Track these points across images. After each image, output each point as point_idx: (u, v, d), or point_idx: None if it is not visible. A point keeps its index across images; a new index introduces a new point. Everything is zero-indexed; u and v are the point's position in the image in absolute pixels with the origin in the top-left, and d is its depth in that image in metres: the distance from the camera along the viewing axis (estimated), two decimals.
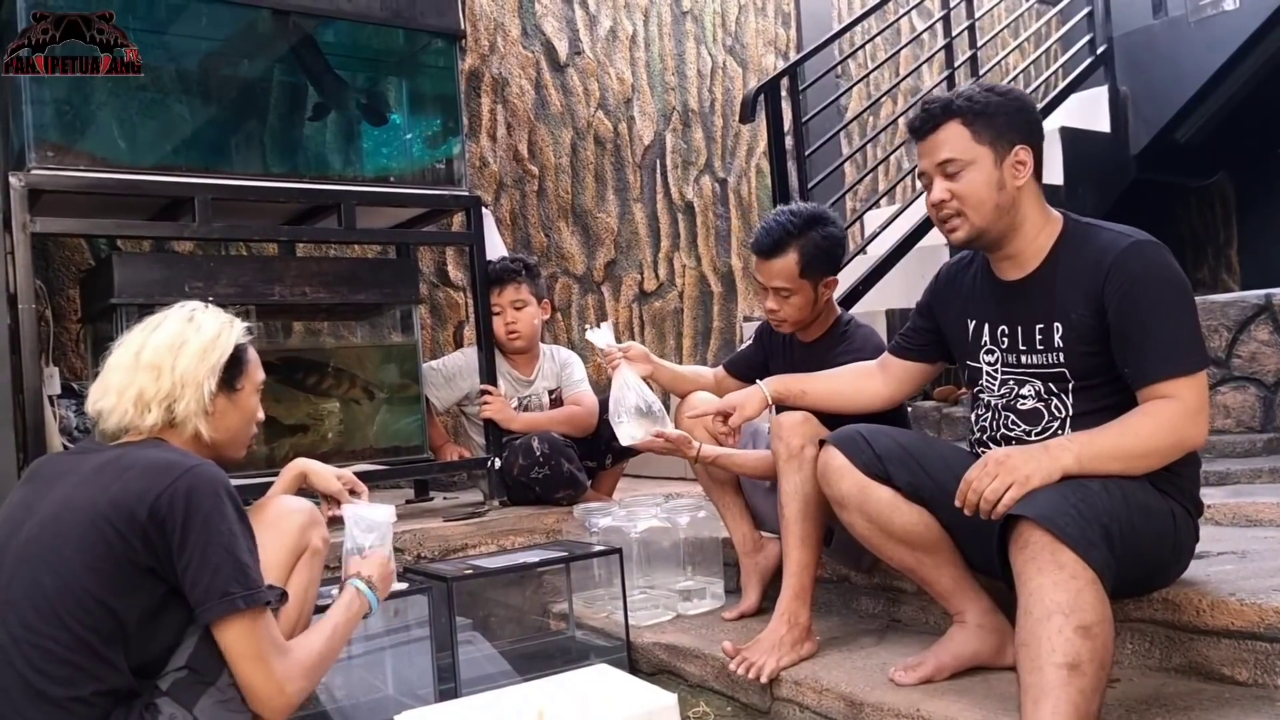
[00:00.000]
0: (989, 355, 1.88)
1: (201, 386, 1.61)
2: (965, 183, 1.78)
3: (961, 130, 1.77)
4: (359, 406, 3.17)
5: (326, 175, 3.03)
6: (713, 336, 5.03)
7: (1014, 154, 1.75)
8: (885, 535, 1.88)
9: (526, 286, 3.27)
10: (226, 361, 1.66)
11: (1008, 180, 1.76)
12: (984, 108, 1.76)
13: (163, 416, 1.59)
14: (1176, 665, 1.76)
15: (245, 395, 1.71)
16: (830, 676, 1.95)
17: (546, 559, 2.44)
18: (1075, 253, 1.76)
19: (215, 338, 1.66)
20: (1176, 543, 1.70)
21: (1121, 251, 1.68)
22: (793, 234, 2.29)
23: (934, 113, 1.81)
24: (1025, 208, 1.78)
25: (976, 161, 1.76)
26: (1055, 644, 1.42)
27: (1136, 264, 1.66)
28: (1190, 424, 1.61)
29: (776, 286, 2.32)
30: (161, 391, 1.59)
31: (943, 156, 1.79)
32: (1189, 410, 1.61)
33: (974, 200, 1.78)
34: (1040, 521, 1.48)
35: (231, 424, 1.69)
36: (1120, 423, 1.63)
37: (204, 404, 1.62)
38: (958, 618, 1.90)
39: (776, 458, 2.17)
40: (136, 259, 2.75)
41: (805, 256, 2.28)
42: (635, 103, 4.86)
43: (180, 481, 1.48)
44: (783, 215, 2.32)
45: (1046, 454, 1.59)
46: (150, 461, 1.51)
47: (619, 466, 3.37)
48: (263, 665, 1.49)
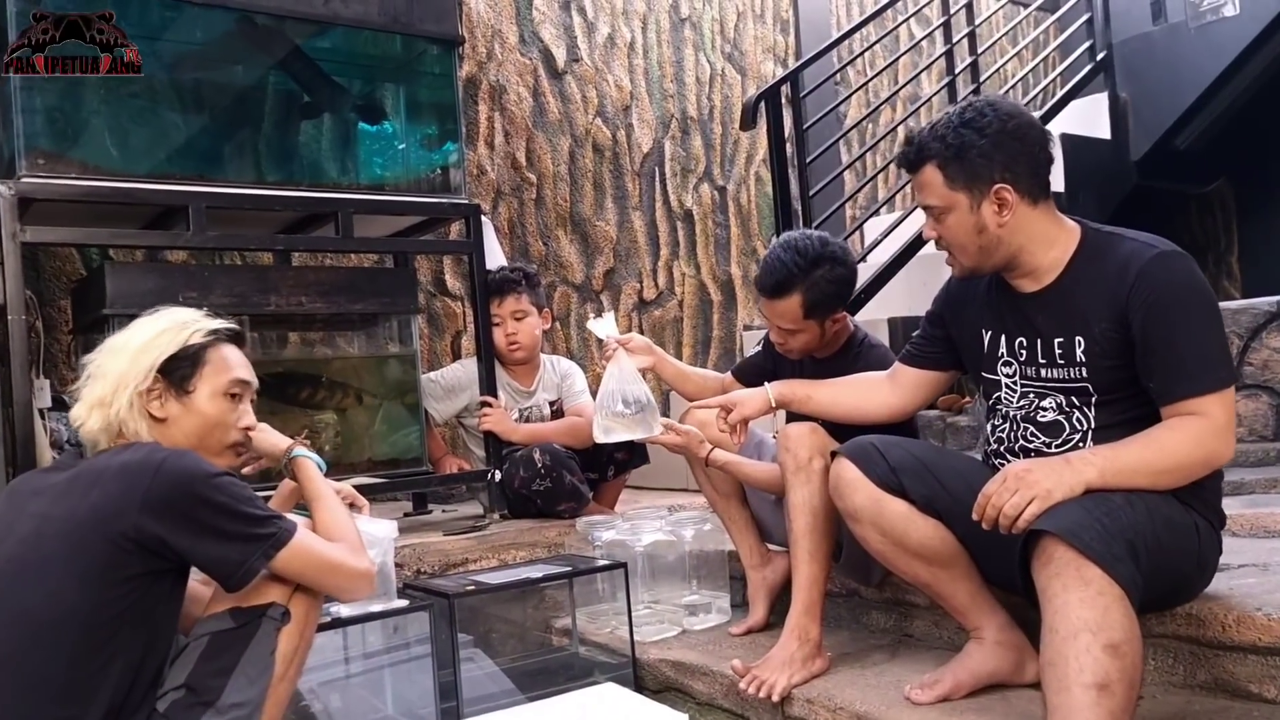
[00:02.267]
0: (1007, 367, 1.83)
1: (129, 388, 1.56)
2: (947, 227, 1.74)
3: (936, 175, 1.71)
4: (356, 419, 3.11)
5: (323, 183, 2.99)
6: (713, 345, 4.98)
7: (993, 194, 1.68)
8: (900, 550, 1.83)
9: (527, 296, 3.22)
10: (168, 362, 1.58)
11: (988, 221, 1.69)
12: (958, 150, 1.68)
13: (101, 420, 1.55)
14: (1201, 682, 1.71)
15: (202, 399, 1.62)
16: (844, 695, 1.90)
17: (550, 574, 2.38)
18: (1096, 264, 1.70)
19: (155, 336, 1.60)
20: (1200, 556, 1.66)
21: (1147, 263, 1.62)
22: (796, 276, 2.16)
23: (909, 156, 1.76)
24: (1021, 236, 1.71)
25: (954, 208, 1.71)
26: (1083, 663, 1.37)
27: (1162, 276, 1.61)
28: (1218, 441, 1.57)
29: (781, 327, 2.26)
30: (100, 395, 1.55)
31: (924, 201, 1.76)
32: (1217, 427, 1.56)
33: (956, 244, 1.75)
34: (1064, 537, 1.43)
35: (189, 429, 1.61)
36: (1145, 437, 1.59)
37: (135, 407, 1.56)
38: (975, 634, 1.85)
39: (784, 469, 2.12)
40: (129, 268, 2.71)
41: (810, 300, 2.17)
42: (634, 110, 4.83)
43: (162, 472, 1.43)
44: (787, 253, 2.19)
45: (1069, 468, 1.54)
46: (125, 463, 1.47)
47: (621, 478, 3.32)
48: (331, 570, 1.55)
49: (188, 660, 1.48)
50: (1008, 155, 1.68)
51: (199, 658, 1.47)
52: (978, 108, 1.71)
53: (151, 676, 1.47)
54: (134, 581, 1.42)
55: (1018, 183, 1.69)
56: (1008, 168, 1.68)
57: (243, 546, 1.47)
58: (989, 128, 1.68)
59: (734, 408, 2.16)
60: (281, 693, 1.54)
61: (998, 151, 1.68)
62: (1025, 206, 1.70)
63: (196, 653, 1.48)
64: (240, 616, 1.51)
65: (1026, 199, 1.70)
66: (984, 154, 1.68)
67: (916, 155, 1.74)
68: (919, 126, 1.80)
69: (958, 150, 1.69)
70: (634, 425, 2.32)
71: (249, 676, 1.48)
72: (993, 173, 1.68)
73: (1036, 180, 1.71)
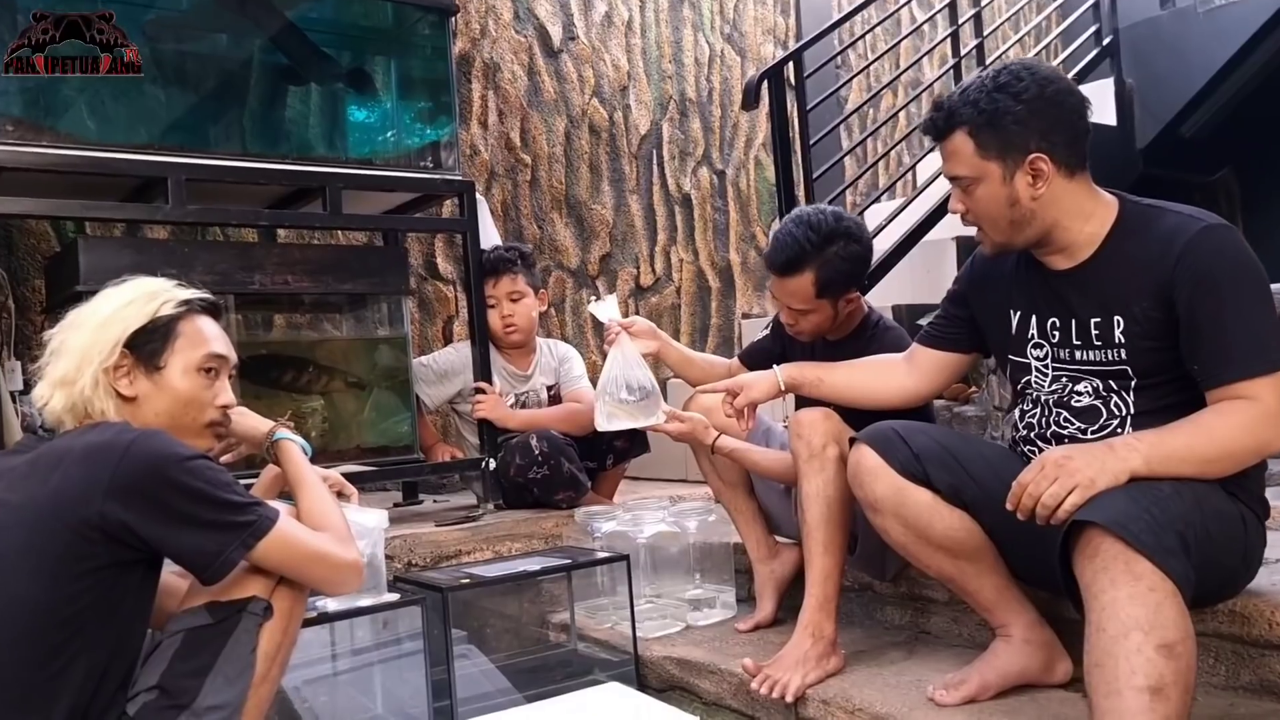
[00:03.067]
0: (1038, 350, 1.72)
1: (93, 365, 1.43)
2: (976, 199, 1.63)
3: (967, 143, 1.60)
4: (344, 404, 2.99)
5: (310, 157, 2.86)
6: (711, 333, 4.87)
7: (1028, 163, 1.57)
8: (923, 542, 1.72)
9: (523, 277, 3.10)
10: (136, 335, 1.46)
11: (1022, 194, 1.59)
12: (991, 116, 1.57)
13: (64, 399, 1.42)
14: (1246, 684, 1.62)
15: (174, 375, 1.49)
16: (862, 695, 1.79)
17: (548, 566, 2.27)
18: (1136, 239, 1.59)
19: (121, 307, 1.46)
20: (1247, 550, 1.56)
21: (1193, 237, 1.51)
22: (809, 252, 2.05)
23: (939, 123, 1.64)
24: (1056, 210, 1.61)
25: (985, 178, 1.60)
26: (1135, 664, 1.27)
27: (1211, 251, 1.50)
28: (1271, 427, 1.46)
29: (792, 306, 2.14)
30: (63, 373, 1.43)
31: (951, 171, 1.65)
32: (1269, 412, 1.45)
33: (987, 217, 1.64)
34: (1112, 528, 1.33)
35: (161, 408, 1.48)
36: (1193, 422, 1.48)
37: (101, 385, 1.43)
38: (1001, 631, 1.75)
39: (796, 457, 2.01)
40: (104, 243, 2.57)
41: (822, 278, 2.06)
42: (631, 91, 4.70)
43: (130, 454, 1.31)
44: (799, 228, 2.08)
45: (1112, 454, 1.43)
46: (89, 444, 1.34)
47: (620, 468, 3.21)
48: (316, 561, 1.45)
49: (160, 659, 1.36)
50: (1045, 123, 1.57)
51: (173, 656, 1.35)
52: (1013, 71, 1.60)
53: (120, 677, 1.36)
54: (100, 573, 1.31)
55: (1054, 152, 1.58)
56: (1044, 136, 1.57)
57: (220, 535, 1.35)
58: (1025, 92, 1.57)
59: (741, 391, 2.04)
60: (263, 694, 1.42)
61: (1034, 118, 1.57)
62: (1061, 178, 1.59)
63: (170, 651, 1.36)
64: (218, 612, 1.39)
65: (1063, 170, 1.59)
66: (1020, 120, 1.57)
67: (946, 121, 1.63)
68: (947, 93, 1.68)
69: (991, 116, 1.58)
70: (637, 412, 2.23)
71: (227, 676, 1.36)
72: (1028, 141, 1.57)
73: (1074, 150, 1.60)
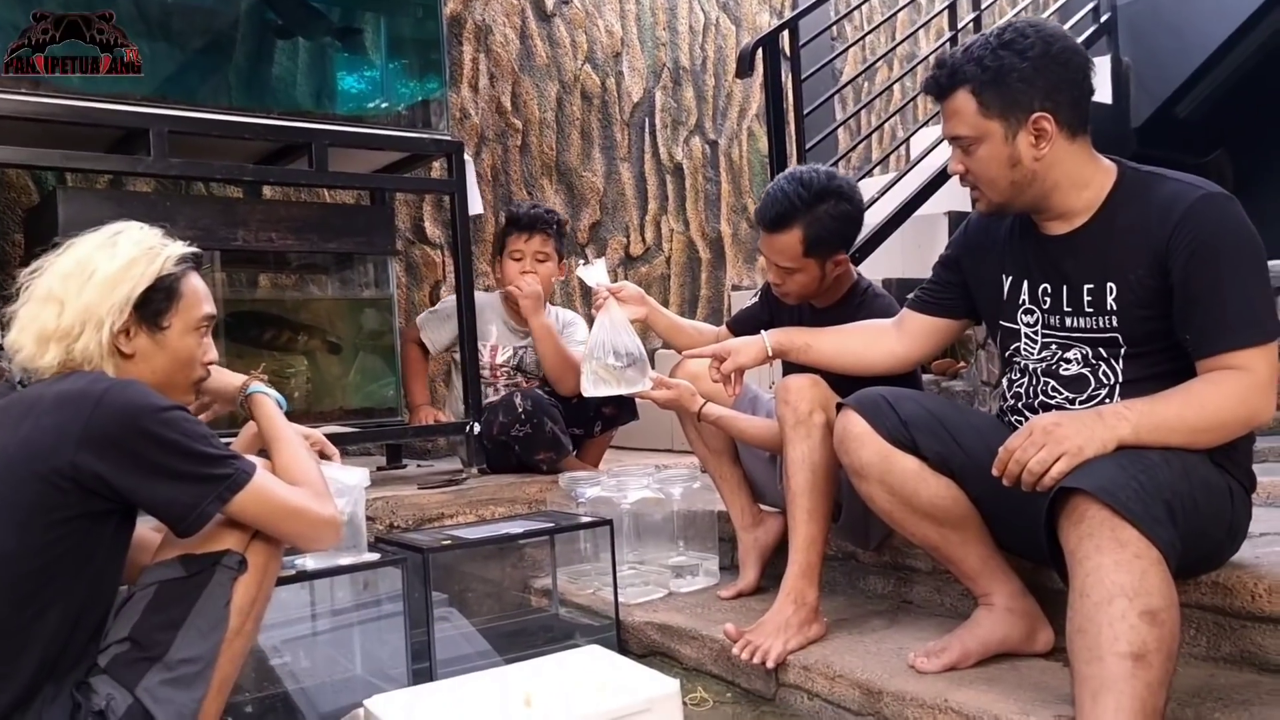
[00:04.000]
0: (1028, 316, 1.70)
1: (103, 325, 1.40)
2: (976, 160, 1.61)
3: (969, 101, 1.58)
4: (327, 365, 2.96)
5: (296, 112, 2.80)
6: (700, 304, 4.85)
7: (1031, 123, 1.55)
8: (909, 509, 1.71)
9: (554, 242, 3.06)
10: (143, 295, 1.44)
11: (1024, 154, 1.57)
12: (995, 74, 1.55)
13: (60, 354, 1.39)
14: (1226, 654, 1.61)
15: (175, 335, 1.48)
16: (843, 662, 1.79)
17: (531, 530, 2.25)
18: (1134, 205, 1.57)
19: (127, 265, 1.44)
20: (1233, 522, 1.55)
21: (1193, 204, 1.49)
22: (798, 208, 2.03)
23: (941, 81, 1.61)
24: (1057, 173, 1.58)
25: (986, 138, 1.58)
26: (1118, 631, 1.26)
27: (1210, 219, 1.48)
28: (1262, 398, 1.45)
29: (778, 264, 2.12)
30: (61, 328, 1.39)
31: (952, 131, 1.62)
32: (1260, 383, 1.45)
33: (986, 178, 1.62)
34: (1099, 495, 1.32)
35: (158, 366, 1.47)
36: (1184, 391, 1.47)
37: (105, 345, 1.40)
38: (984, 600, 1.74)
39: (782, 423, 1.99)
40: (84, 194, 2.53)
41: (810, 235, 2.04)
42: (624, 57, 4.65)
43: (104, 404, 1.28)
44: (790, 184, 2.06)
45: (1101, 422, 1.42)
46: (61, 392, 1.32)
47: (608, 435, 3.19)
48: (293, 516, 1.43)
49: (133, 611, 1.34)
50: (1050, 81, 1.55)
51: (145, 609, 1.33)
52: (1018, 28, 1.57)
53: (91, 629, 1.34)
54: (71, 524, 1.28)
55: (1058, 112, 1.55)
56: (1049, 95, 1.55)
57: (196, 488, 1.33)
58: (1030, 50, 1.54)
59: (728, 356, 2.02)
60: (237, 648, 1.40)
61: (1039, 77, 1.54)
62: (1063, 140, 1.57)
63: (143, 603, 1.34)
64: (192, 565, 1.37)
65: (1065, 131, 1.57)
66: (1025, 79, 1.54)
67: (949, 79, 1.60)
68: (950, 51, 1.65)
69: (996, 74, 1.55)
70: (624, 378, 2.20)
71: (200, 630, 1.34)
72: (1033, 100, 1.55)
73: (1077, 112, 1.58)
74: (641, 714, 1.54)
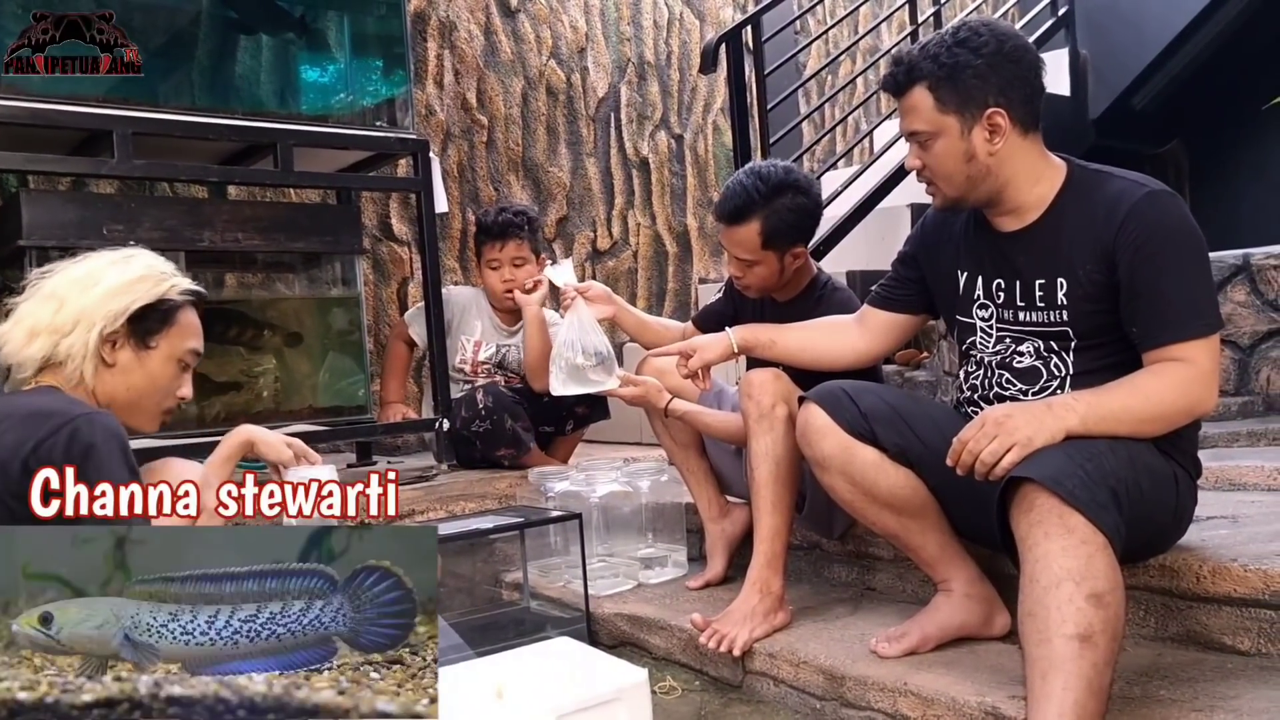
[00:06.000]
0: (983, 310, 1.75)
1: (94, 327, 1.44)
2: (933, 155, 1.65)
3: (926, 97, 1.62)
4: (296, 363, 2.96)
5: (261, 112, 2.80)
6: (668, 298, 4.88)
7: (985, 118, 1.60)
8: (869, 499, 1.76)
9: (528, 243, 3.08)
10: (140, 311, 1.48)
11: (979, 149, 1.61)
12: (951, 70, 1.59)
13: (46, 348, 1.41)
14: (1173, 634, 1.67)
15: (159, 357, 1.52)
16: (807, 648, 1.83)
17: (501, 524, 2.28)
18: (1082, 202, 1.63)
19: (133, 281, 1.49)
20: (1178, 507, 1.61)
21: (1137, 202, 1.55)
22: (756, 202, 2.09)
23: (899, 78, 1.66)
24: (1010, 168, 1.63)
25: (943, 133, 1.62)
26: (1065, 614, 1.31)
27: (1153, 216, 1.54)
28: (1203, 388, 1.51)
29: (738, 256, 2.17)
30: (54, 323, 1.42)
31: (909, 127, 1.66)
32: (1203, 373, 1.50)
33: (942, 173, 1.66)
34: (1047, 484, 1.37)
35: (134, 384, 1.50)
36: (1129, 383, 1.52)
37: (90, 346, 1.43)
38: (943, 586, 1.79)
39: (746, 417, 2.04)
40: (48, 197, 2.52)
41: (768, 228, 2.10)
42: (589, 53, 4.67)
43: (65, 429, 1.30)
44: (749, 178, 2.12)
45: (1050, 413, 1.47)
46: (32, 408, 1.33)
47: (578, 433, 3.22)
48: None
49: None
50: (1003, 78, 1.60)
51: None
52: (972, 27, 1.62)
53: None
54: None
55: (1012, 108, 1.61)
56: (1003, 91, 1.60)
57: None
58: (985, 47, 1.59)
59: (695, 353, 2.06)
60: None
61: (993, 73, 1.59)
62: (1016, 136, 1.62)
63: None
64: None
65: (1018, 127, 1.62)
66: (979, 75, 1.59)
67: (906, 76, 1.64)
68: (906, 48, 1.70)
69: (951, 70, 1.60)
70: (592, 376, 2.24)
71: None
72: (987, 95, 1.59)
73: (1030, 109, 1.63)
74: (611, 703, 1.58)
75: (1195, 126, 5.65)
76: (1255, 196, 5.45)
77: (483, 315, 3.14)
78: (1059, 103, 4.88)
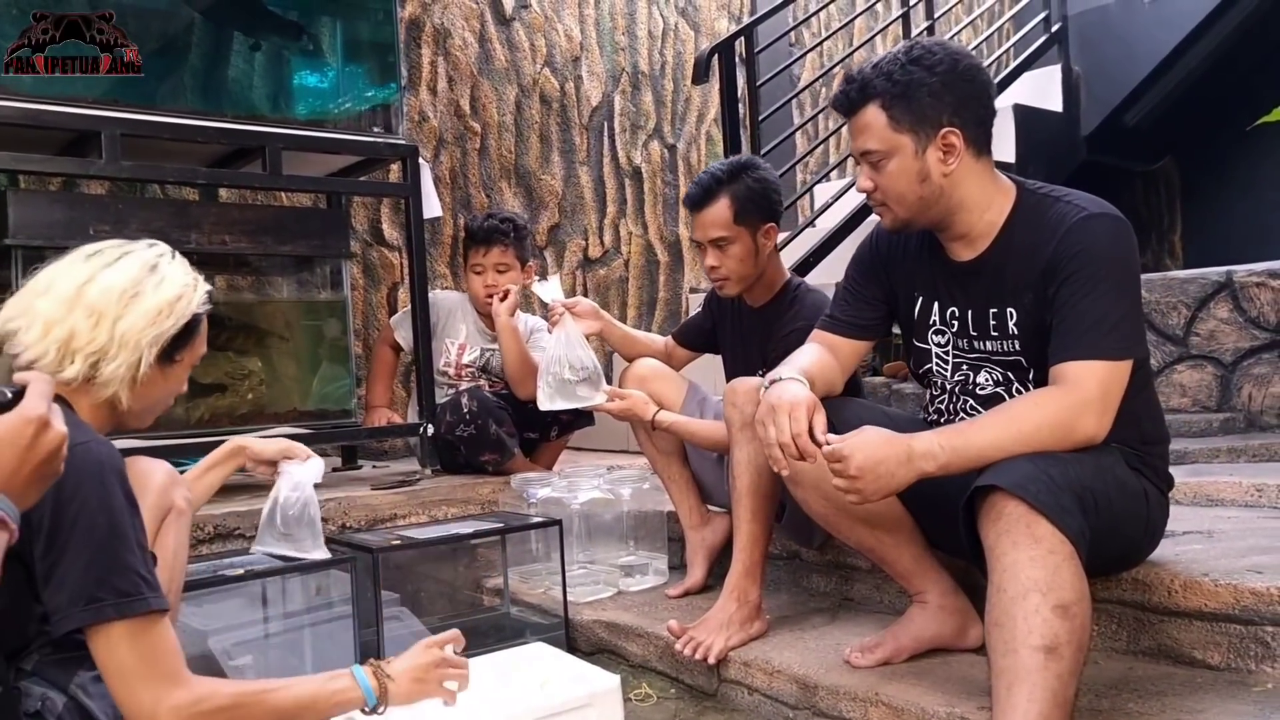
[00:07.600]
0: (939, 336, 1.75)
1: (141, 353, 1.39)
2: (886, 175, 1.62)
3: (879, 116, 1.60)
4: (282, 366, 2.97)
5: (250, 116, 2.81)
6: (658, 307, 4.89)
7: (940, 138, 1.58)
8: (843, 513, 1.76)
9: (513, 250, 3.07)
10: (178, 332, 1.44)
11: (932, 169, 1.59)
12: (904, 88, 1.57)
13: (84, 372, 1.37)
14: (1145, 648, 1.68)
15: (179, 369, 1.50)
16: (781, 657, 1.84)
17: (481, 530, 2.29)
18: (1027, 229, 1.61)
19: (174, 300, 1.44)
20: (1149, 522, 1.62)
21: (1072, 226, 1.54)
22: (722, 181, 2.21)
23: (852, 95, 1.63)
24: (963, 190, 1.62)
25: (897, 152, 1.60)
26: (1032, 625, 1.32)
27: (1084, 239, 1.52)
28: (1080, 418, 1.45)
29: (713, 238, 2.22)
30: (95, 344, 1.36)
31: (862, 146, 1.64)
32: (1084, 400, 1.46)
33: (895, 193, 1.63)
34: (1014, 491, 1.37)
35: (154, 395, 1.48)
36: (1005, 413, 1.50)
37: (136, 371, 1.40)
38: (918, 598, 1.80)
39: (729, 425, 2.05)
40: (35, 196, 2.53)
41: (738, 201, 2.20)
42: (584, 62, 4.68)
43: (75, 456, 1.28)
44: (712, 167, 2.27)
45: (908, 466, 1.45)
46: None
47: (563, 440, 3.22)
48: (140, 687, 1.21)
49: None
50: (958, 97, 1.59)
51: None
52: (926, 45, 1.61)
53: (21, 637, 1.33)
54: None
55: (966, 129, 1.60)
56: (957, 111, 1.59)
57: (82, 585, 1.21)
58: (939, 66, 1.58)
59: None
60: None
61: (948, 92, 1.58)
62: (970, 157, 1.61)
63: None
64: None
65: (972, 148, 1.61)
66: (934, 93, 1.58)
67: (859, 93, 1.62)
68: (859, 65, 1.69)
69: (905, 88, 1.58)
70: (580, 391, 2.28)
71: None
72: (941, 115, 1.58)
73: (983, 130, 1.63)
74: (582, 709, 1.59)
75: (1187, 143, 5.67)
76: (1246, 214, 5.47)
77: (468, 319, 3.15)
78: (1051, 119, 4.90)
